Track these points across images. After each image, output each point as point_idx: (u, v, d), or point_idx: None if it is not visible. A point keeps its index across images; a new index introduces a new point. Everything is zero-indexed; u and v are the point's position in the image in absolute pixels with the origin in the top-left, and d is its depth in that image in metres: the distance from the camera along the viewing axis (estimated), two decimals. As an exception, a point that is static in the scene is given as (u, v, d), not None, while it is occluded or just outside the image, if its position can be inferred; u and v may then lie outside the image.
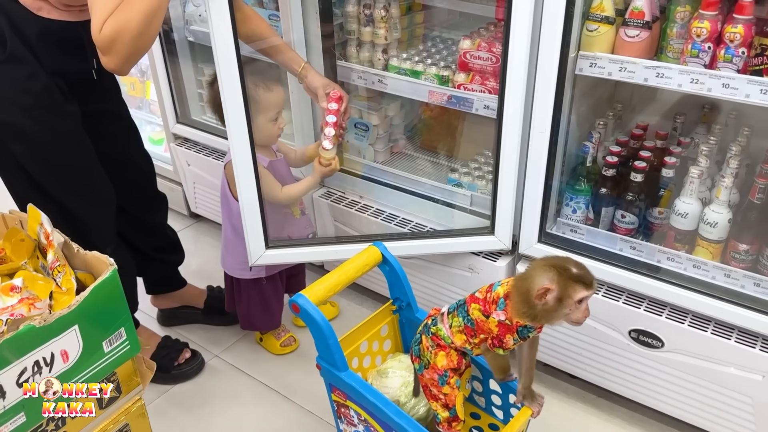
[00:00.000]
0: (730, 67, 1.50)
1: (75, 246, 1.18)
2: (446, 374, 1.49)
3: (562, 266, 1.31)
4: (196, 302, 2.34)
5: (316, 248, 2.08)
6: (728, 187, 1.65)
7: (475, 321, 1.42)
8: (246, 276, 2.03)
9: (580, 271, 1.31)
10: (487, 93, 1.89)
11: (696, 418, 1.82)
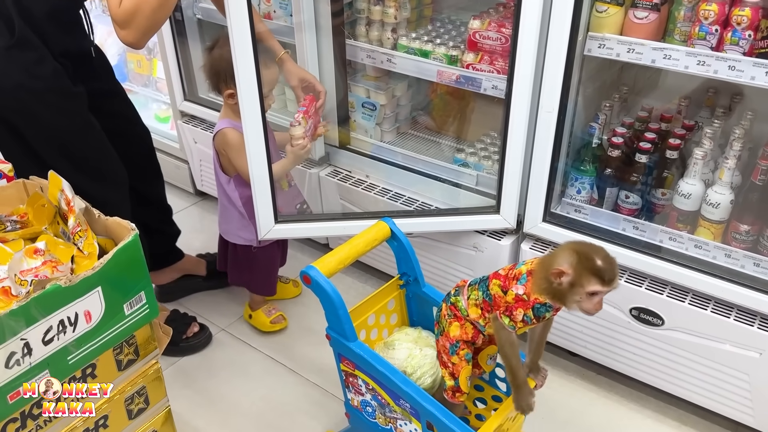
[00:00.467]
0: (737, 49, 1.53)
1: (96, 212, 1.21)
2: (457, 344, 1.52)
3: (587, 254, 1.29)
4: (198, 270, 2.40)
5: (324, 224, 2.11)
6: (731, 168, 1.68)
7: (494, 296, 1.44)
8: (240, 242, 2.09)
9: (602, 265, 1.27)
10: (495, 73, 1.91)
11: (693, 395, 1.86)
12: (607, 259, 1.29)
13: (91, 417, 1.20)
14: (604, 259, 1.29)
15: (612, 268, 1.29)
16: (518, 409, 1.47)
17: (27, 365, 1.03)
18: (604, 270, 1.27)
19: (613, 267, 1.29)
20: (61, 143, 1.68)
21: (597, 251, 1.30)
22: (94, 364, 1.16)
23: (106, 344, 1.16)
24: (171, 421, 1.38)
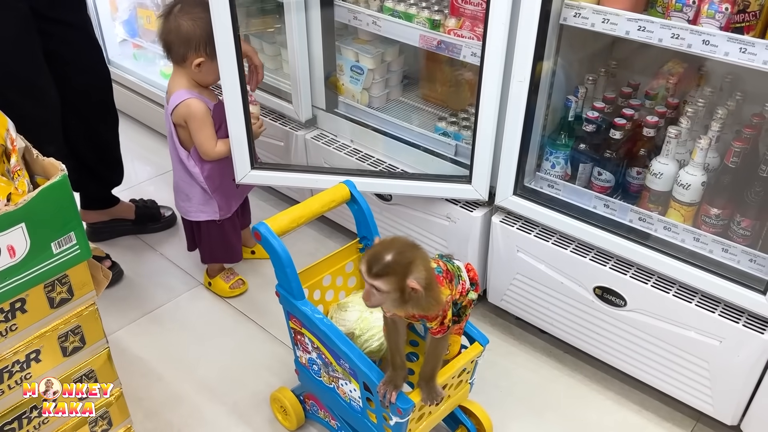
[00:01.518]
0: (713, 23, 1.47)
1: (35, 152, 1.23)
2: None
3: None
4: (127, 215, 2.47)
5: (298, 175, 2.13)
6: (704, 149, 1.63)
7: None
8: (203, 218, 2.07)
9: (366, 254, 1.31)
10: (475, 40, 1.87)
11: (654, 379, 1.83)
12: (374, 251, 1.29)
13: (21, 350, 1.24)
14: (372, 250, 1.30)
15: (369, 259, 1.28)
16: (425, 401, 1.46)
17: (-55, 293, 1.07)
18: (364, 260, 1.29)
19: (371, 258, 1.28)
20: None
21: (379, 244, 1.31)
22: (24, 299, 1.20)
23: (34, 280, 1.18)
24: (110, 363, 1.42)
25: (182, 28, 1.84)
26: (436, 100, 2.39)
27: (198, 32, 1.84)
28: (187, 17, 1.84)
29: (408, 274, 1.26)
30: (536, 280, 1.93)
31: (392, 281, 1.26)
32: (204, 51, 1.86)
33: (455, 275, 1.44)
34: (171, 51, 1.88)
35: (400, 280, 1.26)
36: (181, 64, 1.89)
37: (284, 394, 1.78)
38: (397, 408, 1.41)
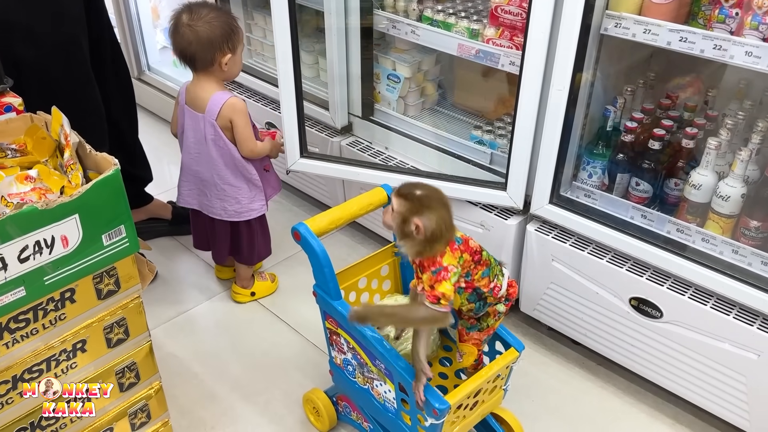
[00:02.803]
0: (756, 34, 1.47)
1: (88, 147, 1.28)
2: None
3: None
4: (164, 213, 2.50)
5: (341, 166, 2.19)
6: (744, 161, 1.62)
7: None
8: (255, 215, 2.08)
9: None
10: (514, 49, 1.89)
11: (689, 393, 1.81)
12: (416, 182, 1.39)
13: (69, 340, 1.28)
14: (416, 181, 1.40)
15: (406, 182, 1.39)
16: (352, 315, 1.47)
17: (2, 279, 1.11)
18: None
19: (408, 182, 1.39)
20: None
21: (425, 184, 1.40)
22: (73, 289, 1.23)
23: (85, 271, 1.22)
24: (152, 356, 1.45)
25: (202, 34, 1.84)
26: (470, 109, 2.41)
27: (217, 32, 1.85)
28: (200, 23, 1.84)
29: (419, 213, 1.32)
30: (571, 290, 1.92)
31: (404, 207, 1.34)
32: (228, 47, 1.89)
33: (491, 267, 1.45)
34: (196, 60, 1.88)
35: (410, 211, 1.33)
36: (209, 68, 1.89)
37: (317, 395, 1.79)
38: (433, 409, 1.42)
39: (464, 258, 1.39)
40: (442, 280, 1.34)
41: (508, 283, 1.50)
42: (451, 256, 1.36)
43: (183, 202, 2.11)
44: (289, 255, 2.46)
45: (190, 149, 2.00)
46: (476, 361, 1.60)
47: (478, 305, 1.47)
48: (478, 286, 1.44)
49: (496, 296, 1.47)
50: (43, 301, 1.20)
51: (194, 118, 1.94)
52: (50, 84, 1.76)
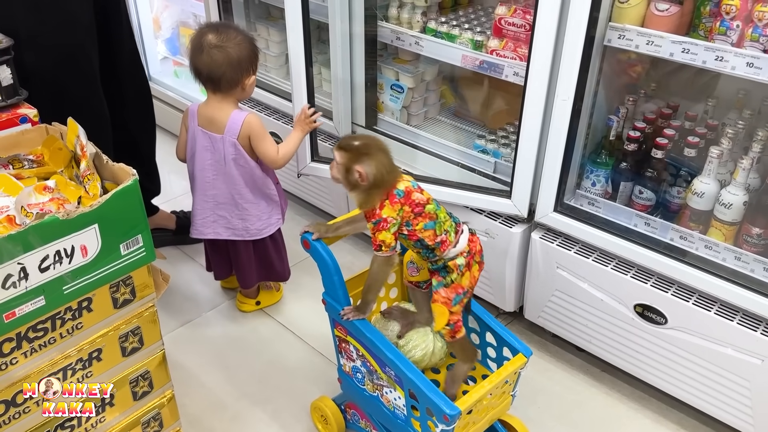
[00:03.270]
0: (757, 46, 1.50)
1: (105, 158, 1.29)
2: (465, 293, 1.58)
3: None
4: (168, 224, 2.52)
5: None
6: (746, 169, 1.65)
7: None
8: (274, 228, 2.08)
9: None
10: (518, 60, 1.92)
11: (694, 398, 1.83)
12: (353, 135, 1.54)
13: (86, 349, 1.29)
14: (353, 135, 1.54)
15: (344, 136, 1.51)
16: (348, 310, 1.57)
17: (23, 288, 1.12)
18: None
19: (346, 136, 1.51)
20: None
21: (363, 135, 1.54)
22: (90, 299, 1.25)
23: (102, 280, 1.24)
24: (165, 365, 1.46)
25: (232, 55, 1.83)
26: (472, 119, 2.44)
27: (245, 53, 1.85)
28: (231, 44, 1.83)
29: (359, 161, 1.43)
30: (575, 297, 1.95)
31: (345, 158, 1.45)
32: (253, 69, 1.90)
33: (438, 221, 1.50)
34: (222, 80, 1.86)
35: (351, 161, 1.44)
36: (233, 89, 1.89)
37: (325, 403, 1.80)
38: (444, 415, 1.43)
39: (404, 210, 1.48)
40: (382, 229, 1.47)
41: (468, 238, 1.55)
42: (390, 209, 1.46)
43: (197, 234, 2.06)
44: (293, 264, 2.47)
45: (206, 173, 1.96)
46: (451, 327, 1.57)
47: (424, 252, 1.54)
48: (421, 237, 1.49)
49: (444, 250, 1.52)
50: (61, 311, 1.21)
51: (212, 140, 1.91)
52: (55, 95, 1.76)
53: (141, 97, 2.22)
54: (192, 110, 1.96)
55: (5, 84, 1.43)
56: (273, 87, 2.68)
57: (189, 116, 1.96)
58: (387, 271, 1.55)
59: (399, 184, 1.49)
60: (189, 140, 1.98)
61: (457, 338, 1.58)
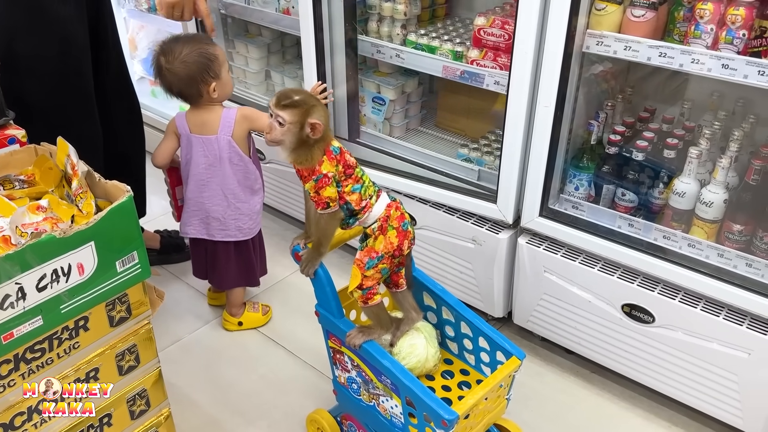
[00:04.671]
0: (731, 48, 1.55)
1: (97, 176, 1.29)
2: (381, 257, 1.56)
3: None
4: (152, 244, 2.51)
5: None
6: (725, 168, 1.70)
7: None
8: (259, 227, 2.13)
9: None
10: (498, 69, 1.96)
11: (683, 395, 1.86)
12: (284, 90, 1.46)
13: (83, 368, 1.28)
14: (282, 90, 1.47)
15: (279, 94, 1.44)
16: (304, 262, 1.59)
17: (21, 309, 1.11)
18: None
19: (281, 94, 1.44)
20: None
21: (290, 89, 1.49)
22: (87, 317, 1.24)
23: (99, 298, 1.23)
24: (161, 382, 1.45)
25: (181, 74, 1.88)
26: (453, 129, 2.47)
27: (194, 68, 1.88)
28: (176, 63, 1.87)
29: (311, 113, 1.41)
30: (564, 300, 1.98)
31: (296, 114, 1.41)
32: (210, 76, 1.91)
33: (364, 185, 1.52)
34: (184, 96, 1.94)
35: (303, 115, 1.41)
36: (200, 98, 1.94)
37: (322, 416, 1.80)
38: (442, 420, 1.44)
39: (338, 168, 1.48)
40: (325, 185, 1.46)
41: (387, 204, 1.56)
42: (329, 164, 1.46)
43: (192, 233, 2.09)
44: (279, 279, 2.48)
45: (200, 176, 2.00)
46: (364, 292, 1.57)
47: (347, 218, 1.55)
48: (348, 200, 1.50)
49: (364, 214, 1.54)
50: (59, 330, 1.20)
51: (206, 142, 1.96)
52: (53, 117, 1.76)
53: (134, 119, 2.21)
54: (180, 119, 1.99)
55: (-8, 104, 1.43)
56: (254, 104, 2.69)
57: (178, 125, 1.99)
58: (336, 225, 1.54)
59: (333, 142, 1.50)
60: (184, 148, 2.00)
61: (370, 305, 1.57)
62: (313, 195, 1.48)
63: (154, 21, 3.17)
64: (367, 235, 1.57)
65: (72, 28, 1.80)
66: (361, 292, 1.56)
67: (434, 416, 1.46)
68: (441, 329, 1.80)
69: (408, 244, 1.59)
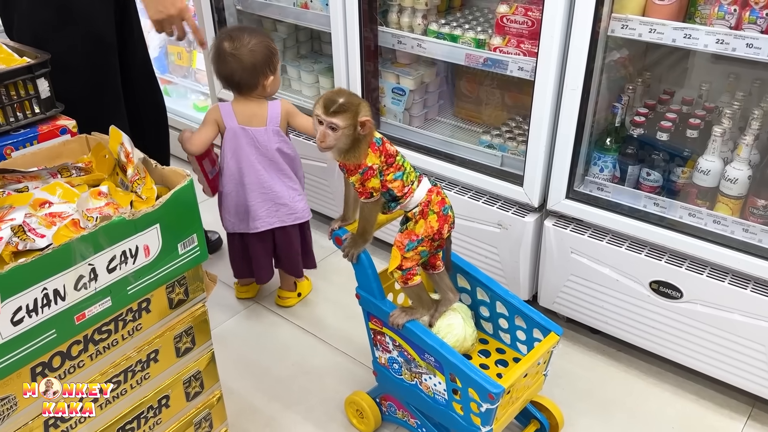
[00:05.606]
0: (755, 28, 1.60)
1: (153, 162, 1.32)
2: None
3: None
4: None
5: None
6: (749, 145, 1.75)
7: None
8: (308, 214, 2.17)
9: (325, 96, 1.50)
10: (522, 55, 2.00)
11: (711, 368, 1.91)
12: (326, 96, 1.49)
13: (144, 350, 1.31)
14: (325, 96, 1.49)
15: (325, 102, 1.47)
16: (348, 247, 1.63)
17: (93, 290, 1.14)
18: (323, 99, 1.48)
19: (326, 102, 1.47)
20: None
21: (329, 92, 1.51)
22: (149, 300, 1.27)
23: (161, 280, 1.26)
24: (214, 365, 1.48)
25: (245, 61, 1.92)
26: (472, 118, 2.51)
27: (259, 58, 1.94)
28: (244, 50, 1.92)
29: (360, 112, 1.46)
30: (591, 280, 2.02)
31: (348, 117, 1.45)
32: (269, 69, 1.97)
33: (405, 172, 1.57)
34: (242, 85, 1.97)
35: (354, 117, 1.45)
36: (253, 90, 1.98)
37: (361, 397, 1.84)
38: (489, 393, 1.48)
39: (381, 159, 1.54)
40: (370, 177, 1.51)
41: (429, 189, 1.60)
42: (373, 156, 1.52)
43: (264, 225, 2.11)
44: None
45: (256, 167, 2.03)
46: (403, 273, 1.60)
47: (389, 203, 1.60)
48: (390, 187, 1.56)
49: (406, 198, 1.59)
50: (123, 312, 1.23)
51: (256, 134, 2.00)
52: (80, 111, 1.77)
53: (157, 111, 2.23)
54: (226, 109, 2.01)
55: (44, 96, 1.46)
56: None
57: (224, 115, 2.01)
58: (378, 211, 1.60)
59: (375, 133, 1.55)
60: (229, 139, 2.03)
61: (410, 285, 1.61)
62: (358, 186, 1.53)
63: (166, 19, 3.20)
64: (408, 218, 1.61)
65: (100, 23, 1.83)
66: (401, 273, 1.60)
67: (480, 390, 1.50)
68: (476, 310, 1.84)
69: (448, 228, 1.63)
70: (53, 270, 1.07)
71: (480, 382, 1.50)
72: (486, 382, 1.50)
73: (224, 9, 2.67)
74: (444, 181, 2.25)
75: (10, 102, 1.43)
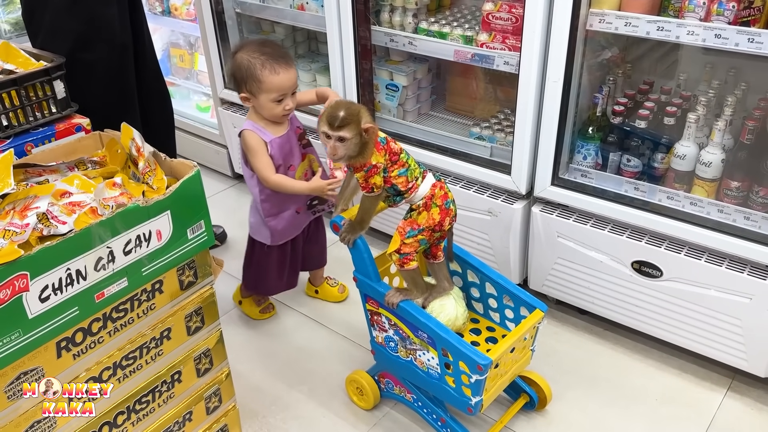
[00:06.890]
0: (722, 19, 1.71)
1: (162, 155, 1.43)
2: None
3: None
4: None
5: None
6: (722, 130, 1.86)
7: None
8: (257, 238, 2.14)
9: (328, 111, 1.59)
10: (507, 50, 2.11)
11: (692, 343, 2.02)
12: (328, 112, 1.58)
13: (158, 327, 1.42)
14: (326, 112, 1.59)
15: (329, 119, 1.56)
16: (345, 233, 1.73)
17: (111, 270, 1.25)
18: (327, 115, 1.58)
19: (330, 118, 1.56)
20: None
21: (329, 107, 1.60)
22: (162, 281, 1.38)
23: (172, 262, 1.37)
24: (222, 343, 1.60)
25: (233, 64, 1.91)
26: (463, 111, 2.62)
27: (242, 73, 1.89)
28: (243, 55, 1.89)
29: (361, 120, 1.56)
30: (577, 262, 2.13)
31: (353, 128, 1.55)
32: (245, 88, 1.91)
33: (409, 169, 1.68)
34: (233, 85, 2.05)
35: (358, 125, 1.56)
36: (247, 102, 1.96)
37: (361, 375, 1.95)
38: (478, 365, 1.59)
39: (386, 157, 1.64)
40: (374, 174, 1.62)
41: (432, 184, 1.71)
42: (378, 155, 1.62)
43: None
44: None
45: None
46: (401, 257, 1.69)
47: (394, 197, 1.71)
48: (394, 183, 1.66)
49: (411, 193, 1.69)
50: (138, 292, 1.34)
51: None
52: (96, 113, 1.85)
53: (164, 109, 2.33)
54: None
55: (60, 97, 1.57)
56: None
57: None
58: (377, 204, 1.71)
59: (379, 133, 1.65)
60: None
61: (406, 269, 1.71)
62: (361, 182, 1.64)
63: (168, 23, 3.31)
64: (412, 208, 1.72)
65: (117, 28, 1.94)
66: (399, 256, 1.70)
67: (470, 362, 1.61)
68: (466, 291, 1.95)
69: (449, 221, 1.74)
70: (76, 252, 1.18)
71: (469, 355, 1.61)
72: (475, 354, 1.61)
73: (224, 12, 2.78)
74: (437, 172, 2.36)
75: (30, 102, 1.55)
